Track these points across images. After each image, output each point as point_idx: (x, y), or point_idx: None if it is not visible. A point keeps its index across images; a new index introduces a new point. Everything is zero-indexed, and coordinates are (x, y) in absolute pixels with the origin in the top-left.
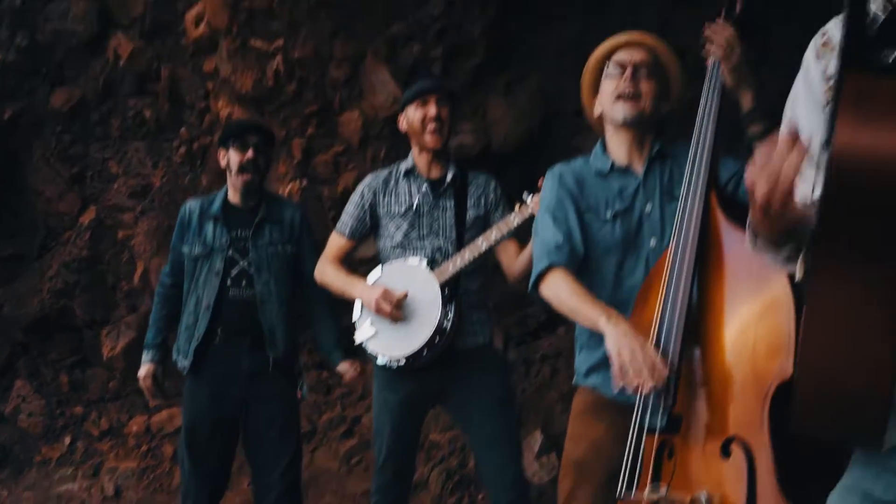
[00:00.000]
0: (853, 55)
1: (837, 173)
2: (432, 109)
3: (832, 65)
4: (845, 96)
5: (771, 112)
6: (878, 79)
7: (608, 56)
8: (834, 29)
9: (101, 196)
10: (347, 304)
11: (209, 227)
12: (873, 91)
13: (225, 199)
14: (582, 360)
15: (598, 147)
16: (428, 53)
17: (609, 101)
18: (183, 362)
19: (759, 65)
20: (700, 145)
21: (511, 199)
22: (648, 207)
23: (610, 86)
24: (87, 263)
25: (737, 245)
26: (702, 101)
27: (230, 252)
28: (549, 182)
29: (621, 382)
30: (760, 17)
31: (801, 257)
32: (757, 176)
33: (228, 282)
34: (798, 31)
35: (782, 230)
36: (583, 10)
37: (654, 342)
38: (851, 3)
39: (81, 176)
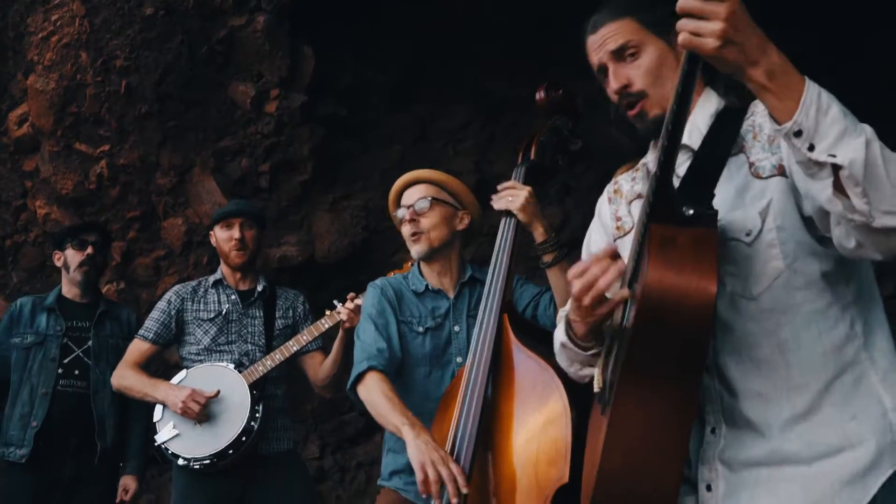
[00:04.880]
0: (660, 208)
1: (647, 305)
2: (236, 232)
3: (622, 208)
4: (653, 242)
5: (563, 243)
6: (678, 229)
7: (399, 195)
8: (623, 180)
9: None
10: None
11: (42, 318)
12: (674, 239)
13: (59, 294)
14: (387, 463)
15: (415, 268)
16: (256, 167)
17: (407, 241)
18: (18, 452)
19: (565, 196)
20: (495, 273)
21: (322, 314)
22: (457, 328)
23: (401, 227)
24: None
25: (525, 363)
26: (499, 233)
27: (65, 340)
28: (371, 293)
29: (425, 493)
30: (552, 160)
31: (598, 369)
32: (575, 276)
33: (60, 370)
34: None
35: (589, 326)
36: (407, 137)
37: (449, 450)
38: (661, 165)
39: None
